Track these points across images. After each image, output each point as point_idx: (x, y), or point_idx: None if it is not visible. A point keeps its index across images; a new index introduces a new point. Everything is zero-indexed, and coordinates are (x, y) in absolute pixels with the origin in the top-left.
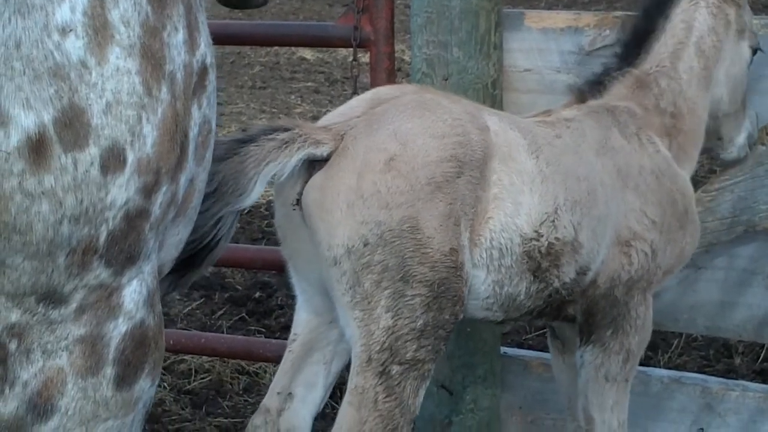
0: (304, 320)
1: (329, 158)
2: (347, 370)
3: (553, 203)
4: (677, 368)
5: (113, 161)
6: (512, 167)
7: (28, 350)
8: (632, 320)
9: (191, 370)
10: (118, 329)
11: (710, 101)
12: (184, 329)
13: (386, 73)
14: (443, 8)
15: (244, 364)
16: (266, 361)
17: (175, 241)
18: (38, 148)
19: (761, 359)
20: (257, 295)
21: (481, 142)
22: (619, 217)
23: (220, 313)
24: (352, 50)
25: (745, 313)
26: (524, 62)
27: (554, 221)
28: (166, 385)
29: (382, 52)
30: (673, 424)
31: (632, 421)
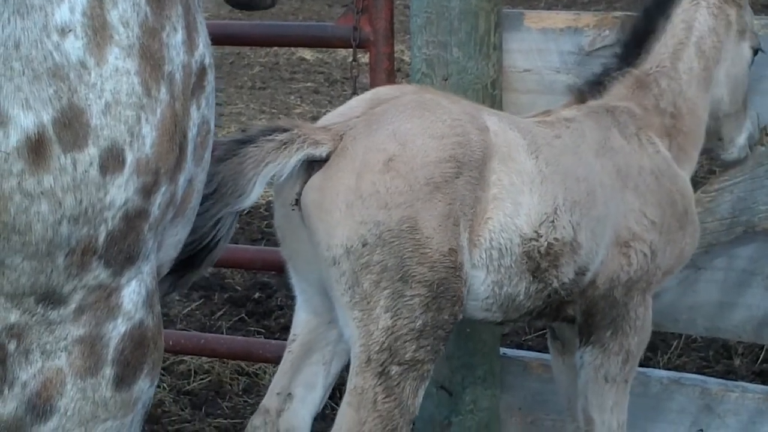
0: (303, 321)
1: (328, 158)
2: (347, 370)
3: (552, 203)
4: (676, 369)
5: (112, 161)
6: (512, 167)
7: (27, 351)
8: (632, 321)
9: (191, 370)
10: (117, 330)
11: (711, 102)
12: (183, 330)
13: (386, 73)
14: (443, 9)
15: (243, 364)
16: (266, 361)
17: (173, 241)
18: (37, 148)
19: (761, 360)
20: (257, 295)
21: (480, 142)
22: (618, 217)
23: (219, 313)
24: (351, 51)
25: (744, 313)
26: (524, 63)
27: (553, 221)
28: (165, 385)
29: (381, 52)
30: (672, 425)
31: (631, 422)
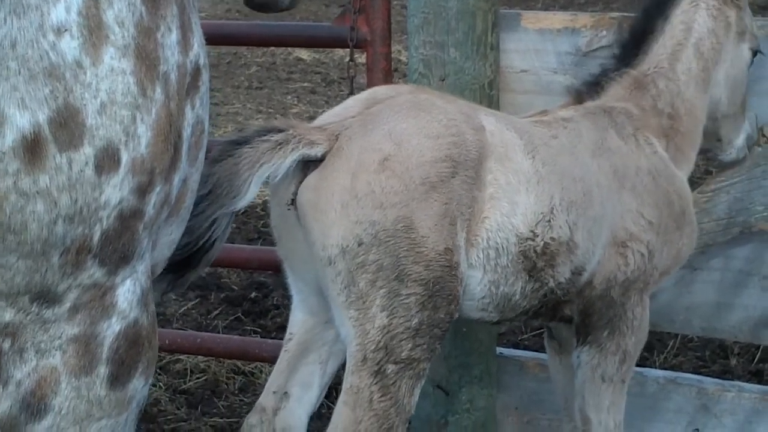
0: (300, 320)
1: (324, 158)
2: (343, 369)
3: (548, 203)
4: (673, 369)
5: (108, 161)
6: (508, 167)
7: (21, 349)
8: (629, 321)
9: (187, 369)
10: (111, 328)
11: (709, 103)
12: (179, 329)
13: (383, 73)
14: (440, 9)
15: (239, 364)
16: (262, 361)
17: (168, 241)
18: (33, 147)
19: (757, 360)
20: (253, 295)
21: (476, 142)
22: (615, 217)
23: (215, 313)
24: (348, 51)
25: (740, 314)
26: (521, 63)
27: (550, 221)
28: (161, 384)
29: (378, 52)
30: (669, 424)
31: (628, 421)
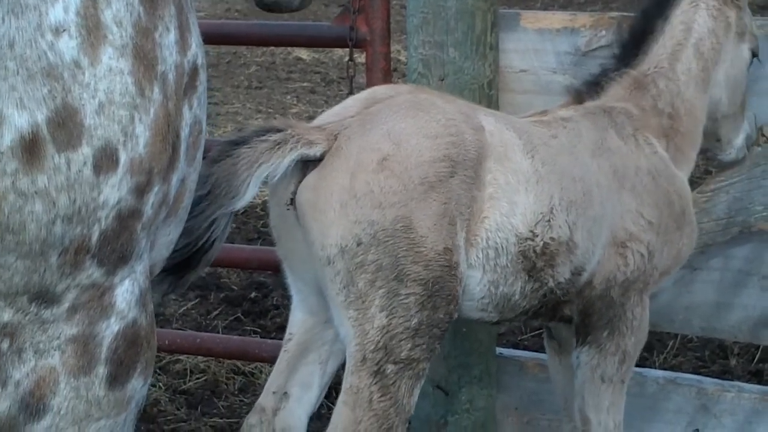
0: (299, 320)
1: (323, 158)
2: (343, 369)
3: (548, 203)
4: (673, 369)
5: (106, 161)
6: (507, 167)
7: (20, 350)
8: (628, 321)
9: (186, 370)
10: (110, 329)
11: (709, 103)
12: (179, 329)
13: (382, 73)
14: (439, 9)
15: (239, 364)
16: (262, 361)
17: (166, 241)
18: (32, 147)
19: (756, 360)
20: (253, 295)
21: (475, 142)
22: (615, 217)
23: (215, 313)
24: (348, 50)
25: (740, 314)
26: (520, 63)
27: (549, 221)
28: (161, 385)
29: (378, 52)
30: (668, 425)
31: (628, 422)
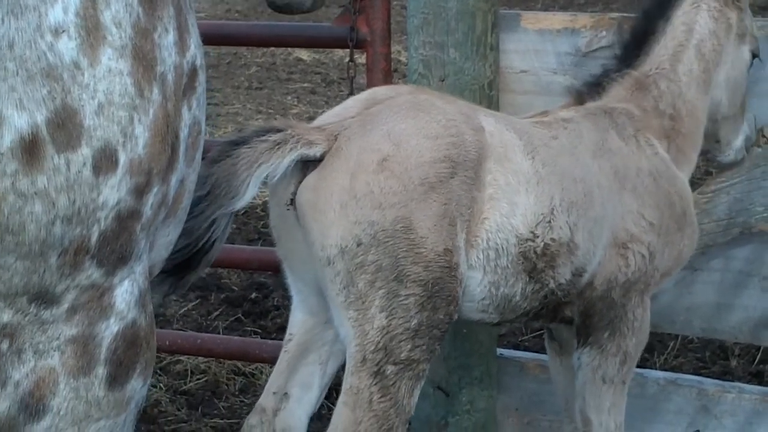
0: (299, 320)
1: (323, 159)
2: (343, 370)
3: (549, 204)
4: (673, 370)
5: (105, 162)
6: (508, 168)
7: (19, 350)
8: (629, 322)
9: (187, 370)
10: (109, 329)
11: (709, 104)
12: (180, 330)
13: (383, 74)
14: (440, 9)
15: (240, 364)
16: (262, 362)
17: (165, 241)
18: (31, 148)
19: (757, 361)
20: (253, 295)
21: (475, 142)
22: (615, 219)
23: (216, 313)
24: (348, 51)
25: (740, 315)
26: (521, 63)
27: (550, 222)
28: (162, 385)
29: (378, 53)
30: (669, 426)
31: (628, 423)
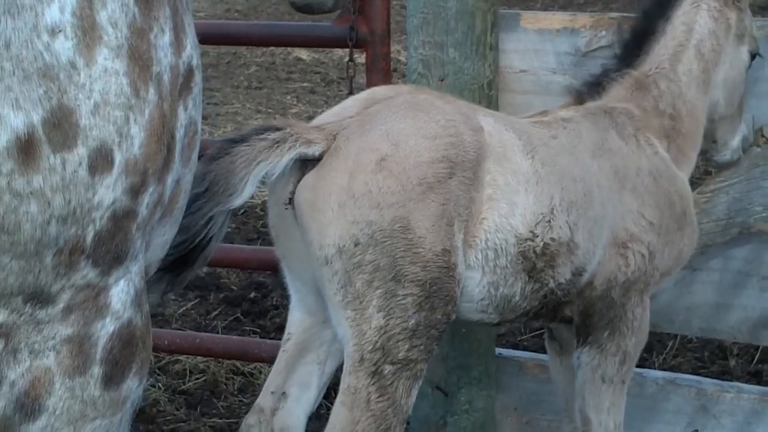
0: (298, 320)
1: (322, 158)
2: (341, 369)
3: (548, 203)
4: (672, 370)
5: (101, 162)
6: (507, 168)
7: (15, 350)
8: (629, 322)
9: (186, 370)
10: (105, 329)
11: (708, 104)
12: (178, 329)
13: (382, 73)
14: (439, 9)
15: (239, 364)
16: (261, 361)
17: (161, 241)
18: (27, 148)
19: (756, 361)
20: (252, 295)
21: (474, 142)
22: (615, 218)
23: (215, 313)
24: (348, 51)
25: (739, 314)
26: (520, 63)
27: (550, 221)
28: (160, 385)
29: (378, 52)
30: (668, 425)
31: (627, 422)
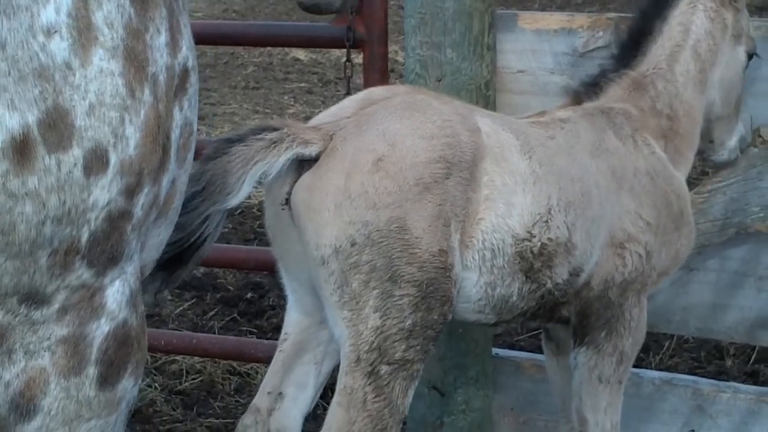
0: (294, 320)
1: (318, 158)
2: (338, 370)
3: (546, 204)
4: (669, 370)
5: (96, 162)
6: (504, 168)
7: (10, 350)
8: (626, 322)
9: (182, 370)
10: (100, 329)
11: (705, 104)
12: (175, 330)
13: (380, 74)
14: (437, 9)
15: (235, 364)
16: (258, 361)
17: (156, 242)
18: (22, 149)
19: (752, 361)
20: (249, 295)
21: (470, 143)
22: (613, 218)
23: (211, 313)
24: (345, 51)
25: (736, 314)
26: (517, 63)
27: (547, 222)
28: (157, 385)
29: (375, 53)
30: (664, 425)
31: (624, 422)
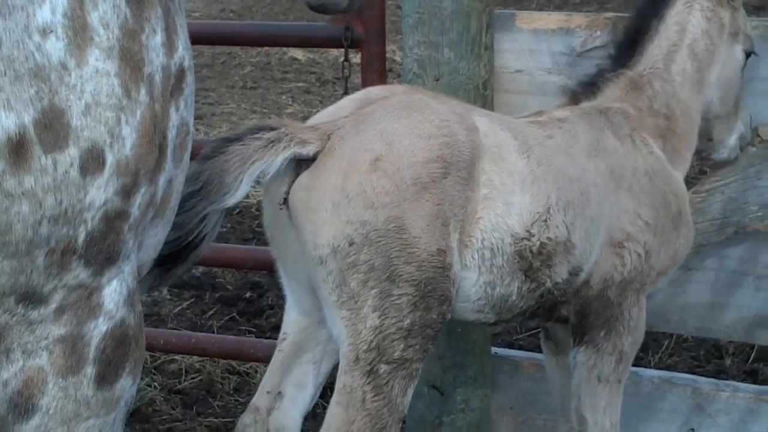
0: (293, 320)
1: (316, 158)
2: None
3: (545, 203)
4: (668, 369)
5: (92, 162)
6: (503, 167)
7: (8, 350)
8: (625, 321)
9: (182, 370)
10: (98, 329)
11: (702, 104)
12: (174, 329)
13: (377, 73)
14: (434, 9)
15: (234, 364)
16: (257, 361)
17: (153, 242)
18: (18, 149)
19: (751, 360)
20: (248, 295)
21: (468, 142)
22: (612, 218)
23: (210, 313)
24: (343, 51)
25: (735, 314)
26: (515, 63)
27: (546, 221)
28: (156, 385)
29: (373, 52)
30: (663, 424)
31: (623, 421)
